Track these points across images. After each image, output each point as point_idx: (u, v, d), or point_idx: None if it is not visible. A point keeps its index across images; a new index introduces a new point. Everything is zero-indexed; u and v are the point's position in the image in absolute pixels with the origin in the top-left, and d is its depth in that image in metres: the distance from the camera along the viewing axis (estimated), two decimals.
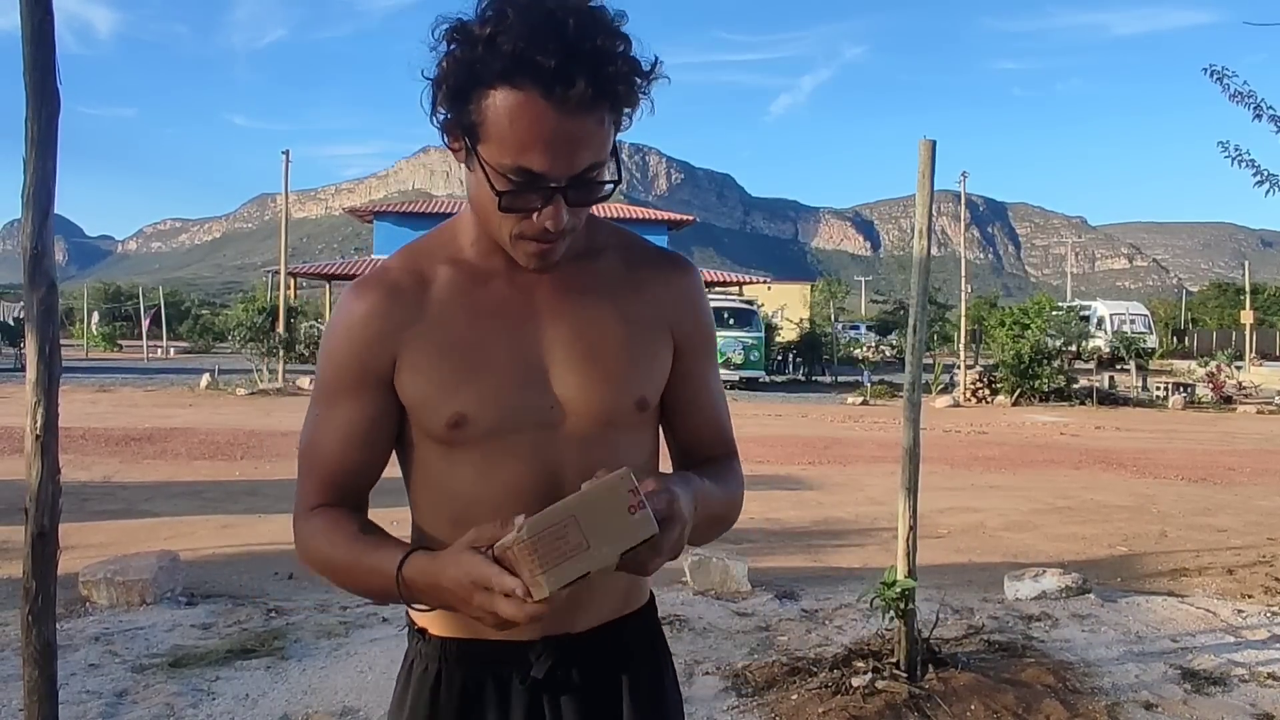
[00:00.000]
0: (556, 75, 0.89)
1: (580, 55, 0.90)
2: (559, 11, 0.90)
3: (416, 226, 34.19)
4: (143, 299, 39.76)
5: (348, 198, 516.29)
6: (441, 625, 1.13)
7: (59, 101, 2.16)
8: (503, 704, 1.12)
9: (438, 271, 1.10)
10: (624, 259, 1.15)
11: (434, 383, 1.06)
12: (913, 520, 3.55)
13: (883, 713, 3.14)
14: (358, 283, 1.09)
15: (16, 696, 2.73)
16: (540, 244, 1.01)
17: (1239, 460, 11.12)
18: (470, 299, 1.08)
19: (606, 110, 0.95)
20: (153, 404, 15.57)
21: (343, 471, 1.10)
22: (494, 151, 0.95)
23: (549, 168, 0.94)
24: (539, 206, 0.97)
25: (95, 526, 6.29)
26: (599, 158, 0.97)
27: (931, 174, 3.64)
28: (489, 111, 0.93)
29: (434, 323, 1.07)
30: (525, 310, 1.09)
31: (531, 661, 1.11)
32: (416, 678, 1.15)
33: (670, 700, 1.22)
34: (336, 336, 1.09)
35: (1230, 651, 3.94)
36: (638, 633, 1.19)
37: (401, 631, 4.11)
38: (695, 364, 1.18)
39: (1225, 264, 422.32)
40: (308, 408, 1.13)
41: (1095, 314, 35.90)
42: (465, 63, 0.93)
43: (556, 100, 0.91)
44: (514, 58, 0.90)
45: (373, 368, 1.07)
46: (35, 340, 2.18)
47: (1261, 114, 4.13)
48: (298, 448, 1.13)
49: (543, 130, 0.92)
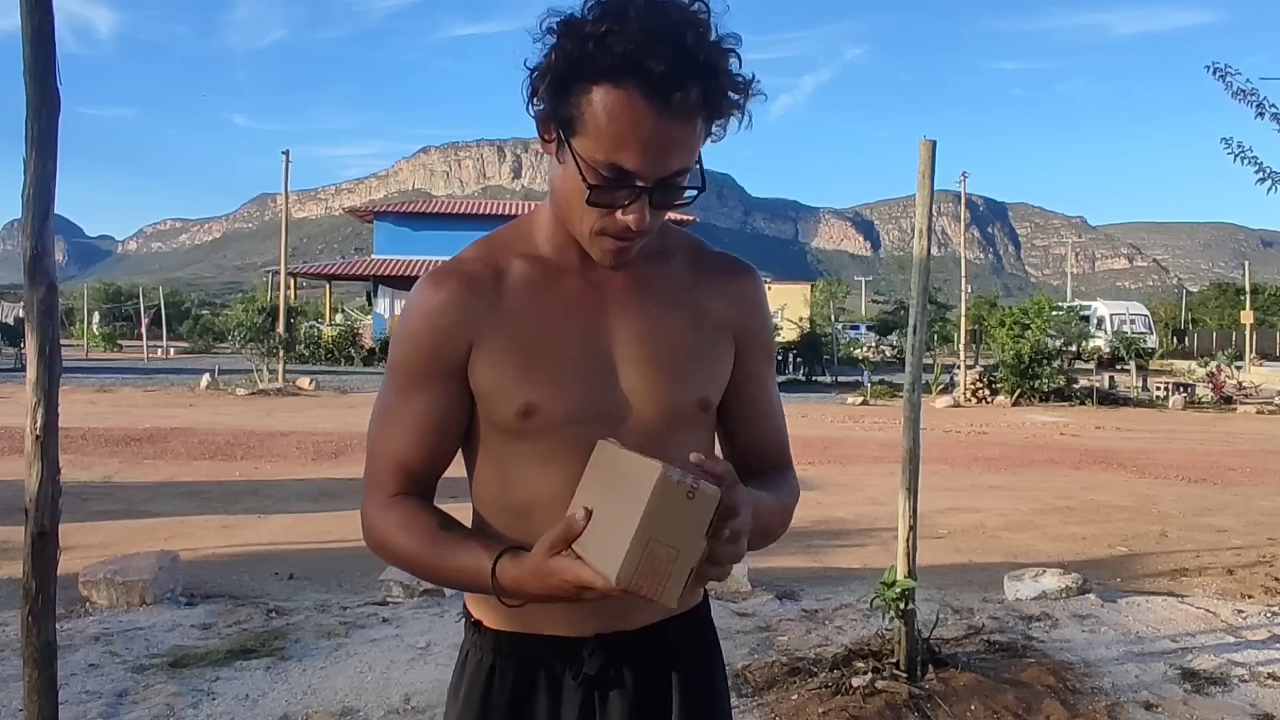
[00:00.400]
0: (664, 80, 0.92)
1: (691, 65, 0.92)
2: (679, 21, 0.93)
3: (416, 226, 34.21)
4: (143, 299, 39.78)
5: (348, 198, 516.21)
6: (496, 619, 1.15)
7: (59, 102, 2.16)
8: (554, 699, 1.13)
9: (513, 265, 1.12)
10: (691, 262, 1.18)
11: (506, 373, 1.08)
12: (913, 520, 3.55)
13: (883, 713, 3.14)
14: (434, 272, 1.12)
15: (16, 696, 2.73)
16: (619, 241, 1.04)
17: (1239, 460, 11.12)
18: (543, 293, 1.11)
19: (703, 119, 0.98)
20: (153, 404, 15.58)
21: (416, 460, 1.11)
22: (588, 146, 0.97)
23: (640, 167, 0.97)
24: (624, 204, 1.00)
25: (95, 526, 6.29)
26: (687, 164, 1.00)
27: (932, 174, 3.64)
28: (589, 106, 0.95)
29: (508, 314, 1.09)
30: (596, 307, 1.11)
31: (584, 658, 1.12)
32: (471, 669, 1.17)
33: (721, 702, 1.22)
34: (414, 324, 1.10)
35: (1230, 651, 3.94)
36: (690, 633, 1.20)
37: (400, 633, 4.12)
38: (755, 367, 1.20)
39: (1225, 264, 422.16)
40: (378, 396, 1.15)
41: (1095, 314, 35.92)
42: (572, 57, 0.94)
43: (658, 104, 0.93)
44: (623, 58, 0.92)
45: (448, 356, 1.09)
46: (35, 340, 2.18)
47: (1264, 112, 4.12)
48: (368, 435, 1.15)
49: (640, 131, 0.95)
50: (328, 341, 30.95)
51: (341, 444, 10.82)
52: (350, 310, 42.78)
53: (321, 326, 33.60)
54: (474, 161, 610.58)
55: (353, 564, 5.53)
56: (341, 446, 10.64)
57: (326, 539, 6.25)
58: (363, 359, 29.97)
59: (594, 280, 1.11)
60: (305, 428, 12.38)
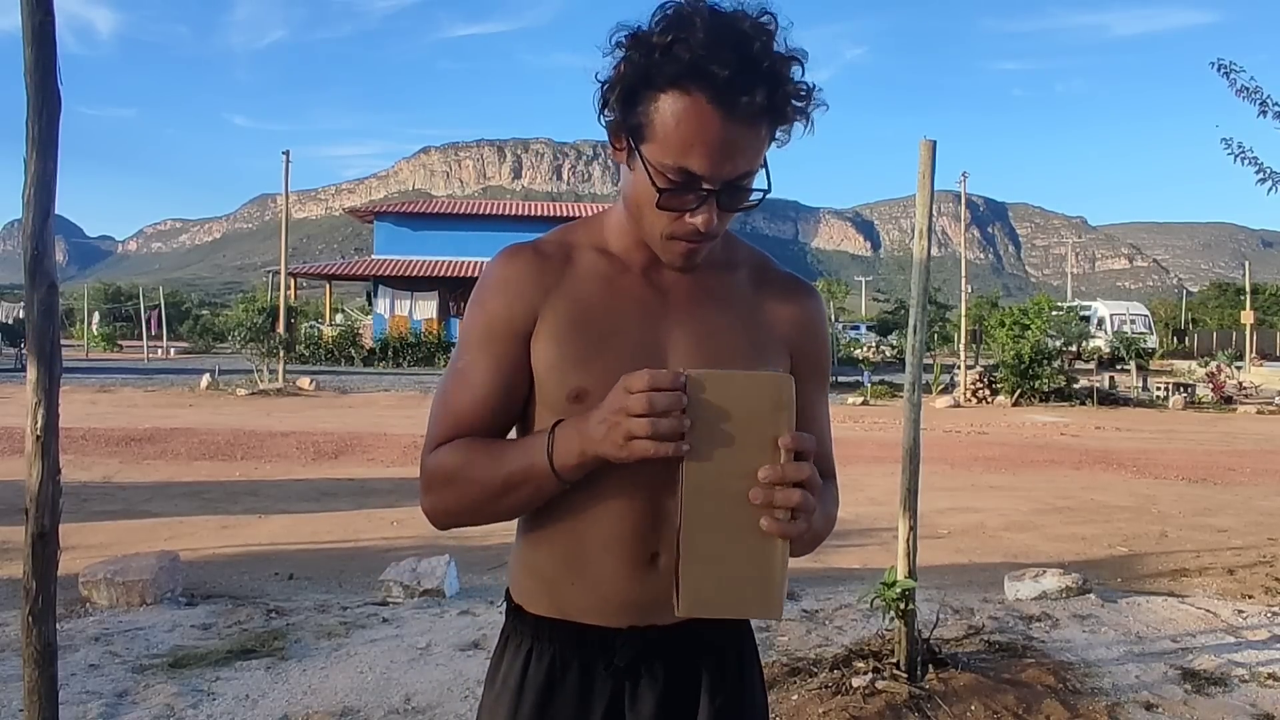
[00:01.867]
0: (729, 85, 0.95)
1: (756, 71, 0.96)
2: (744, 30, 0.97)
3: (416, 227, 34.22)
4: (143, 299, 39.79)
5: (348, 198, 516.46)
6: (537, 604, 1.17)
7: (60, 102, 2.16)
8: (585, 688, 1.15)
9: (583, 254, 1.16)
10: (756, 276, 1.21)
11: (563, 354, 1.10)
12: (913, 520, 3.55)
13: (883, 713, 3.14)
14: (509, 247, 1.17)
15: (16, 697, 2.74)
16: (689, 244, 1.08)
17: (1239, 460, 11.12)
18: (608, 284, 1.14)
19: (767, 124, 1.01)
20: (153, 404, 15.57)
21: (476, 421, 1.13)
22: (657, 151, 1.01)
23: (707, 170, 1.00)
24: (693, 207, 1.03)
25: (95, 527, 6.30)
26: (752, 167, 1.03)
27: (932, 174, 3.64)
28: (657, 113, 0.99)
29: (571, 297, 1.12)
30: (657, 307, 1.14)
31: (616, 649, 1.14)
32: (510, 652, 1.19)
33: (754, 706, 1.22)
34: (485, 291, 1.15)
35: (1231, 652, 3.94)
36: (726, 634, 1.21)
37: (400, 633, 4.12)
38: (806, 384, 1.21)
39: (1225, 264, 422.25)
40: (448, 365, 1.18)
41: (1095, 314, 35.92)
42: (640, 67, 0.99)
43: (725, 109, 0.96)
44: (689, 65, 0.96)
45: (517, 321, 1.12)
46: (35, 340, 2.18)
47: (1267, 110, 4.12)
48: (431, 408, 1.17)
49: (707, 135, 0.98)
50: (328, 341, 30.96)
51: (341, 444, 10.82)
52: (350, 310, 42.81)
53: (321, 326, 33.61)
54: (474, 161, 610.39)
55: (353, 564, 5.53)
56: (341, 446, 10.64)
57: (326, 539, 6.25)
58: (363, 359, 29.99)
59: (657, 282, 1.15)
60: (305, 428, 12.38)
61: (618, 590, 1.12)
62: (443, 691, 3.37)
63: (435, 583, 4.66)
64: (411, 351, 30.13)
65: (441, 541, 5.50)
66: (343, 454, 10.17)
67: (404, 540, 6.09)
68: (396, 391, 19.21)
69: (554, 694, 1.15)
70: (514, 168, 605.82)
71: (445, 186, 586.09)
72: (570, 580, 1.14)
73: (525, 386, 1.14)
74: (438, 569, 4.74)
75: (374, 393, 18.88)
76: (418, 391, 19.18)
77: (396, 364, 29.53)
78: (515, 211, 37.17)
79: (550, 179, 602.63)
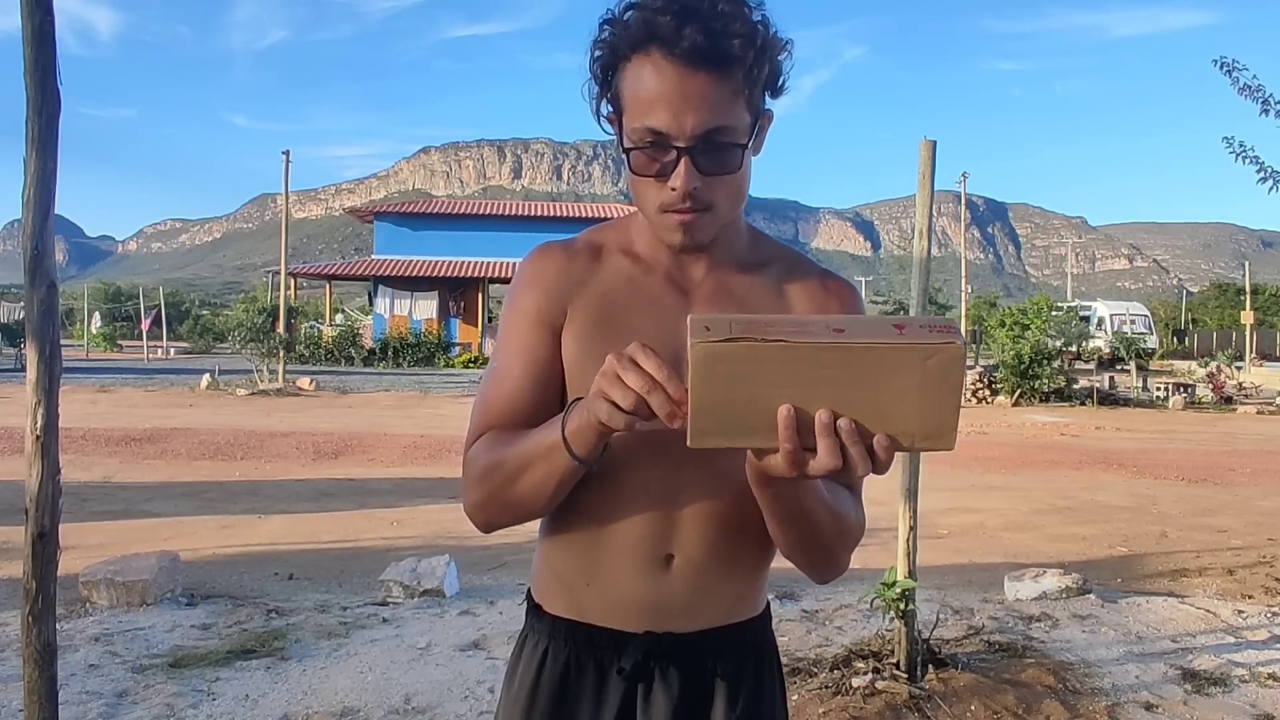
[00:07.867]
0: (674, 31, 0.97)
1: (695, 12, 0.96)
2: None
3: (416, 227, 34.23)
4: (143, 299, 39.79)
5: (348, 198, 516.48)
6: (555, 604, 1.18)
7: (59, 102, 2.16)
8: (598, 690, 1.15)
9: (611, 254, 1.18)
10: (785, 275, 1.19)
11: (586, 351, 1.11)
12: (913, 521, 3.55)
13: (883, 713, 3.14)
14: (541, 245, 1.20)
15: (16, 697, 2.74)
16: (680, 215, 1.06)
17: (1239, 461, 11.12)
18: (632, 283, 1.15)
19: (726, 72, 0.99)
20: (153, 404, 15.57)
21: (515, 412, 1.13)
22: (629, 119, 1.03)
23: (670, 125, 0.99)
24: (667, 171, 1.03)
25: (95, 527, 6.29)
26: (722, 121, 1.00)
27: (932, 174, 3.64)
28: (624, 83, 1.02)
29: (598, 295, 1.14)
30: (680, 305, 1.14)
31: (626, 652, 1.14)
32: (528, 651, 1.20)
33: (770, 717, 1.21)
34: (520, 286, 1.17)
35: (1230, 652, 3.94)
36: (744, 643, 1.20)
37: (400, 633, 4.13)
38: None
39: (1225, 264, 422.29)
40: (488, 365, 1.20)
41: (1095, 314, 35.89)
42: (608, 45, 1.02)
43: (672, 56, 0.97)
44: (643, 26, 0.98)
45: (547, 315, 1.14)
46: (35, 340, 2.18)
47: (1269, 109, 4.11)
48: (472, 409, 1.17)
49: (664, 88, 0.99)
50: (328, 342, 30.96)
51: (341, 444, 10.82)
52: (350, 310, 42.82)
53: (321, 327, 33.62)
54: (474, 162, 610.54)
55: (353, 564, 5.53)
56: (341, 446, 10.64)
57: (326, 539, 6.25)
58: (363, 359, 29.99)
59: (680, 282, 1.16)
60: (305, 428, 12.38)
61: (632, 592, 1.12)
62: (443, 691, 3.37)
63: (435, 583, 4.66)
64: (411, 351, 30.14)
65: (441, 541, 5.50)
66: (343, 454, 10.17)
67: (404, 540, 6.09)
68: (396, 392, 19.22)
69: (567, 695, 1.15)
70: (514, 168, 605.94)
71: (445, 186, 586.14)
72: (586, 581, 1.14)
73: (558, 380, 1.14)
74: (438, 569, 4.74)
75: (374, 393, 18.89)
76: (418, 391, 19.19)
77: (396, 364, 29.53)
78: (515, 212, 37.18)
79: (550, 179, 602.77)
